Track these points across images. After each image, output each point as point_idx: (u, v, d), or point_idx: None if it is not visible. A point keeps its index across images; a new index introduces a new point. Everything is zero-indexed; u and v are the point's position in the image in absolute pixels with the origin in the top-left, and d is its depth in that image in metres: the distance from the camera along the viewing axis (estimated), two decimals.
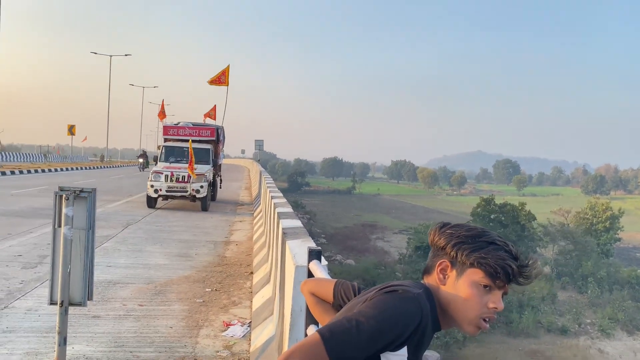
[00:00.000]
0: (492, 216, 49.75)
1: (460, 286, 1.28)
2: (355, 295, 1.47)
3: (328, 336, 1.14)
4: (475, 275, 1.27)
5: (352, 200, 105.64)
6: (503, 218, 49.20)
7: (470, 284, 1.27)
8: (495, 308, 1.27)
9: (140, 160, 41.00)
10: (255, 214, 14.10)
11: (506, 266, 1.25)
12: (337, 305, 1.54)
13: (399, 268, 42.67)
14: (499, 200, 53.13)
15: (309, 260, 2.86)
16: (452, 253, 1.30)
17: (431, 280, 1.34)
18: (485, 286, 1.27)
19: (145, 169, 38.43)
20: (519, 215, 48.85)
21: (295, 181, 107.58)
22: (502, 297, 1.29)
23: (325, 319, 1.55)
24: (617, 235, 54.57)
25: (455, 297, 1.28)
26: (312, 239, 4.65)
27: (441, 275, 1.32)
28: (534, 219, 49.89)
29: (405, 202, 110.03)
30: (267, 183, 13.32)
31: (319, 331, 1.16)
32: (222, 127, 18.12)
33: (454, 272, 1.30)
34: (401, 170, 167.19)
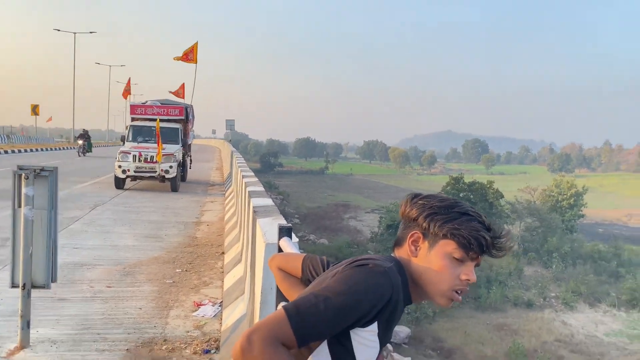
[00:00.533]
0: (461, 194, 50.55)
1: (432, 258, 1.24)
2: (324, 270, 1.43)
3: (293, 312, 1.09)
4: (448, 246, 1.23)
5: (325, 180, 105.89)
6: (472, 196, 50.07)
7: (443, 255, 1.23)
8: (468, 280, 1.24)
9: (80, 142, 30.85)
10: (226, 194, 13.96)
11: (480, 237, 1.22)
12: (305, 280, 1.50)
13: (371, 246, 43.17)
14: (468, 179, 54.06)
15: (280, 238, 2.82)
16: (424, 224, 1.26)
17: (402, 252, 1.30)
18: (457, 258, 1.23)
19: (88, 154, 30.52)
20: (487, 194, 49.86)
21: (268, 162, 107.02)
22: (474, 268, 1.27)
23: (293, 294, 1.51)
24: (580, 212, 56.35)
25: (428, 269, 1.25)
26: (285, 219, 4.61)
27: (413, 247, 1.28)
28: (502, 196, 51.01)
29: (377, 181, 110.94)
30: (238, 163, 13.17)
31: (285, 307, 1.11)
32: (192, 105, 17.77)
33: (426, 243, 1.26)
34: (373, 150, 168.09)
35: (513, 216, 51.76)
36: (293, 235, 2.97)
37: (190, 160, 18.67)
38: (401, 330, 26.23)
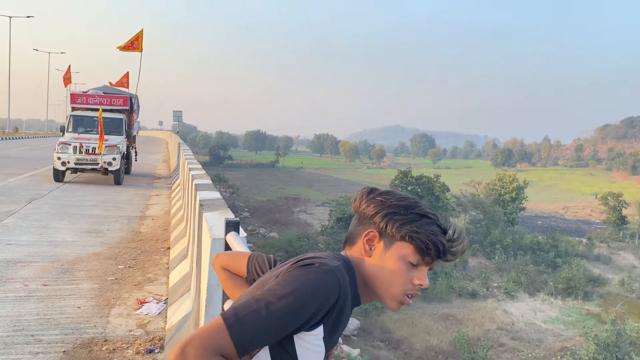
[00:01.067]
0: (409, 188, 51.65)
1: (387, 260, 1.18)
2: (271, 269, 1.35)
3: (232, 320, 1.00)
4: (405, 249, 1.18)
5: (275, 173, 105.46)
6: (419, 189, 51.25)
7: (398, 258, 1.18)
8: (421, 285, 1.19)
9: None
10: (173, 188, 13.59)
11: (438, 243, 1.17)
12: (250, 280, 1.42)
13: (322, 239, 43.39)
14: (415, 173, 55.35)
15: (226, 232, 2.71)
16: (381, 224, 1.19)
17: (355, 250, 1.23)
18: (413, 262, 1.18)
19: None
20: (434, 187, 51.19)
21: (217, 154, 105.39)
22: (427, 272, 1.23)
23: (237, 295, 1.42)
24: (522, 205, 58.81)
25: (381, 271, 1.18)
26: (235, 212, 4.49)
27: (367, 247, 1.21)
28: (448, 190, 52.53)
29: (327, 175, 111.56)
30: (185, 155, 12.84)
31: (223, 315, 1.02)
32: (136, 95, 17.17)
33: (382, 243, 1.19)
34: (324, 144, 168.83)
35: (458, 209, 53.42)
36: (241, 229, 2.87)
37: (135, 152, 18.06)
38: (350, 322, 26.52)
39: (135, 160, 18.13)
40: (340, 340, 24.56)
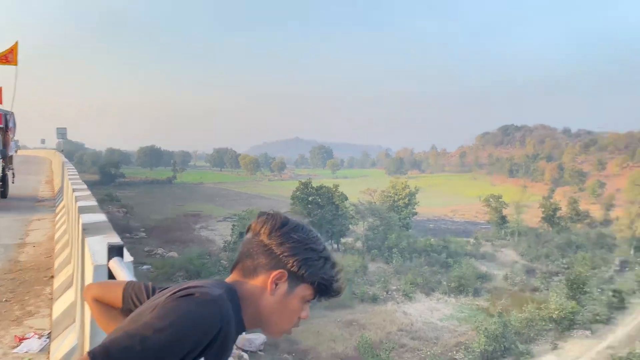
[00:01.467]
0: (310, 198, 52.45)
1: (290, 301, 1.21)
2: (149, 298, 1.30)
3: (102, 358, 0.94)
4: (307, 291, 1.22)
5: (173, 190, 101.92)
6: (320, 200, 52.23)
7: (300, 299, 1.22)
8: (305, 318, 1.26)
9: None
10: (57, 210, 12.61)
11: (337, 287, 1.25)
12: (126, 311, 1.35)
13: (224, 255, 42.55)
14: (315, 184, 56.34)
15: (109, 258, 2.58)
16: (294, 268, 1.20)
17: (255, 281, 1.21)
18: (308, 301, 1.24)
19: None
20: (334, 196, 52.45)
21: (108, 173, 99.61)
22: None
23: (112, 328, 1.35)
24: (414, 210, 62.19)
25: (281, 310, 1.21)
26: (130, 233, 4.26)
27: (274, 285, 1.21)
28: (347, 199, 54.11)
29: (229, 189, 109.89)
30: (69, 174, 11.99)
31: (93, 352, 0.96)
32: (12, 112, 15.77)
33: (286, 284, 1.21)
34: (223, 158, 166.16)
35: (357, 216, 55.15)
36: (127, 254, 2.74)
37: (13, 173, 16.56)
38: (256, 338, 26.22)
39: (13, 183, 16.62)
40: (246, 357, 24.12)
